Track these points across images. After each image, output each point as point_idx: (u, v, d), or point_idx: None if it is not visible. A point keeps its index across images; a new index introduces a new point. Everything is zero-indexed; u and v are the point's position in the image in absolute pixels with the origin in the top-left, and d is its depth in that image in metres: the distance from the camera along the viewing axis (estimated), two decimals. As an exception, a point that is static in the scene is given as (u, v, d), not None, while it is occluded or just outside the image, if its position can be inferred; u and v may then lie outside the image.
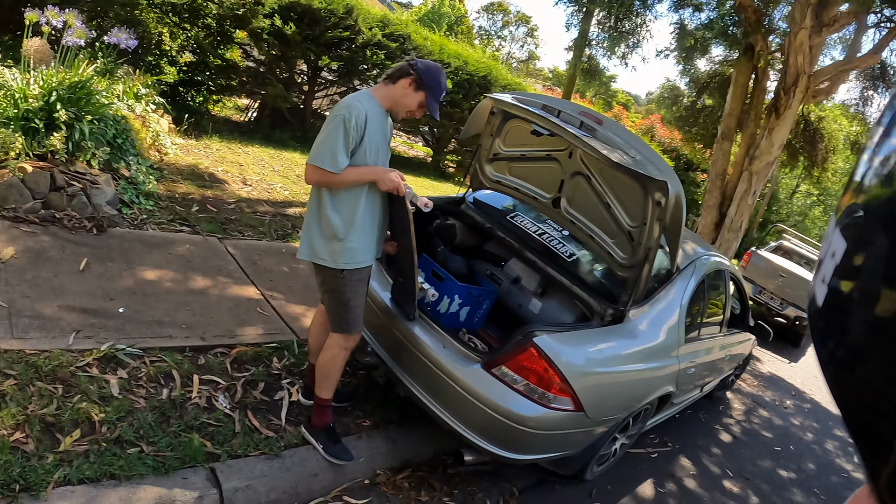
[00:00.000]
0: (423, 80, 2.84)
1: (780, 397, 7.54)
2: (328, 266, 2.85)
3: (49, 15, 4.51)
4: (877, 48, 8.47)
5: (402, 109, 2.90)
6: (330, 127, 2.69)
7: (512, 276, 4.12)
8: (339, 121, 2.66)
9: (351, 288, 2.91)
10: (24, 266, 3.62)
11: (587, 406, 3.05)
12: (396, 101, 2.87)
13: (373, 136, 2.79)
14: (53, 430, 2.62)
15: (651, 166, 3.07)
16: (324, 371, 3.07)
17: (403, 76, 2.84)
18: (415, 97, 2.86)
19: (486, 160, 4.31)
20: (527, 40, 50.04)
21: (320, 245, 2.84)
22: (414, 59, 2.90)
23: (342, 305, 2.94)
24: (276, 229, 5.83)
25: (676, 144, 19.28)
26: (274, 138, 9.67)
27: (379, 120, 2.84)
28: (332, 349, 3.04)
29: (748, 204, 8.69)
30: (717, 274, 4.52)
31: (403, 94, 2.85)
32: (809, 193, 29.32)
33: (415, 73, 2.83)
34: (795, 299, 10.43)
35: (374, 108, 2.81)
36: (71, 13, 4.62)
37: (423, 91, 2.85)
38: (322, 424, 3.16)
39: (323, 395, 3.12)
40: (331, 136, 2.67)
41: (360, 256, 2.88)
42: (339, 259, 2.83)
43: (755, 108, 9.14)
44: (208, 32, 8.69)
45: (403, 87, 2.84)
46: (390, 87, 2.86)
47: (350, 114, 2.66)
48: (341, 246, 2.82)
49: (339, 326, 2.99)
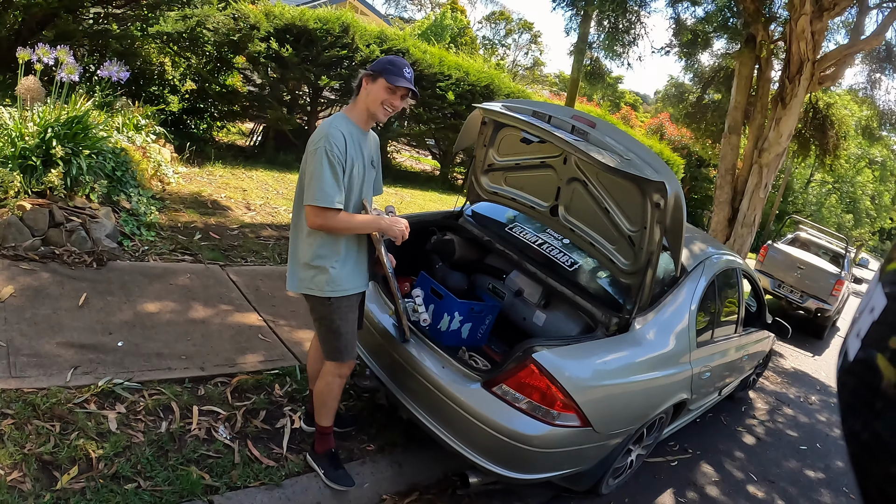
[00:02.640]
0: (373, 69, 2.75)
1: (804, 393, 7.36)
2: (316, 295, 2.80)
3: (40, 52, 4.53)
4: (880, 29, 8.30)
5: (377, 109, 2.77)
6: (314, 163, 2.61)
7: (514, 289, 4.04)
8: (320, 154, 2.59)
9: (340, 315, 2.84)
10: (23, 304, 3.60)
11: (594, 421, 2.95)
12: (367, 106, 2.77)
13: (355, 158, 2.73)
14: (51, 468, 2.59)
15: (647, 167, 2.98)
16: (321, 400, 3.03)
17: (359, 83, 2.78)
18: (378, 89, 2.73)
19: (482, 171, 4.25)
20: (531, 47, 50.10)
21: (305, 275, 2.78)
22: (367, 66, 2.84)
23: (333, 333, 2.88)
24: (279, 252, 5.80)
25: (686, 142, 19.14)
26: (278, 161, 9.69)
27: (359, 140, 2.78)
28: (327, 377, 2.98)
29: (760, 197, 8.54)
30: (729, 273, 4.39)
31: (366, 94, 2.75)
32: (824, 182, 28.94)
33: (365, 71, 2.78)
34: (816, 291, 10.27)
35: (352, 129, 2.75)
36: (62, 49, 4.64)
37: (379, 77, 2.72)
38: (324, 450, 3.11)
39: (323, 422, 3.08)
40: (316, 172, 2.59)
41: (346, 283, 2.82)
42: (325, 287, 2.77)
43: (761, 100, 8.99)
44: (208, 59, 8.75)
45: (364, 89, 2.76)
46: (356, 100, 2.80)
47: (329, 143, 2.60)
48: (326, 274, 2.76)
49: (332, 354, 2.94)
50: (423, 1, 51.03)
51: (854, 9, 8.66)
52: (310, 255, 2.75)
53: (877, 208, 31.73)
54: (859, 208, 30.32)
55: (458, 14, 33.05)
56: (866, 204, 30.61)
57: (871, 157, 25.24)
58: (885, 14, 8.39)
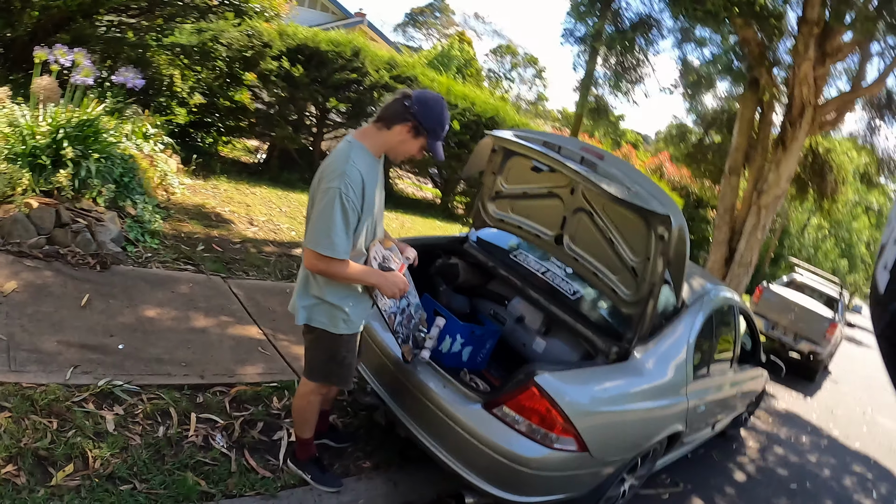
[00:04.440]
0: (424, 124, 2.52)
1: (795, 434, 7.36)
2: (329, 331, 2.70)
3: (58, 54, 4.60)
4: (882, 76, 8.51)
5: (399, 156, 2.66)
6: (325, 204, 2.40)
7: (515, 315, 4.07)
8: (334, 196, 2.38)
9: (347, 347, 2.80)
10: (26, 300, 3.61)
11: (592, 446, 2.97)
12: (394, 149, 2.60)
13: (370, 198, 2.54)
14: (46, 463, 2.59)
15: (653, 200, 3.04)
16: (301, 416, 2.99)
17: (400, 121, 2.52)
18: (414, 144, 2.57)
19: (489, 198, 4.31)
20: (535, 82, 50.75)
21: (319, 309, 2.67)
22: (409, 97, 2.54)
23: (336, 363, 2.81)
24: (280, 269, 5.82)
25: (686, 182, 19.31)
26: (282, 179, 9.74)
27: (373, 175, 2.57)
28: (307, 396, 2.93)
29: (758, 238, 8.65)
30: (726, 309, 4.45)
31: (401, 140, 2.56)
32: (820, 227, 29.17)
33: (413, 119, 2.50)
34: (809, 333, 10.32)
35: (367, 162, 2.53)
36: (80, 52, 4.71)
37: (423, 137, 2.56)
38: (307, 456, 3.11)
39: (305, 434, 3.05)
40: (327, 215, 2.39)
41: (357, 320, 2.80)
42: (340, 325, 2.69)
43: (762, 142, 9.16)
44: (218, 74, 8.84)
45: (400, 133, 2.54)
46: (384, 134, 2.56)
47: (346, 186, 2.39)
48: (343, 313, 2.67)
49: (328, 379, 2.90)
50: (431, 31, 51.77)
51: (856, 56, 8.87)
52: (325, 292, 2.62)
53: (872, 255, 31.97)
54: (854, 254, 30.57)
55: (464, 45, 33.53)
56: (861, 250, 30.88)
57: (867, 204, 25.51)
58: (886, 62, 8.59)
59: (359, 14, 29.22)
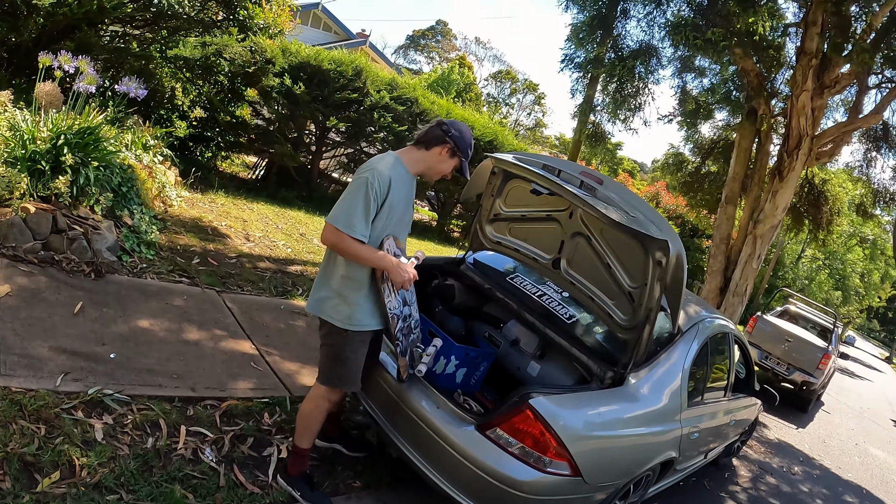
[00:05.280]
0: (459, 147, 2.91)
1: (787, 464, 7.32)
2: (334, 324, 2.85)
3: (62, 60, 4.61)
4: (878, 108, 8.61)
5: (437, 175, 2.98)
6: (352, 189, 2.71)
7: (511, 338, 4.05)
8: (361, 183, 2.68)
9: (352, 347, 2.91)
10: (19, 305, 3.59)
11: (585, 471, 2.95)
12: (431, 167, 2.94)
13: (396, 202, 2.81)
14: (32, 470, 2.56)
15: (652, 226, 3.06)
16: (305, 422, 3.04)
17: (438, 143, 2.89)
18: (450, 163, 2.94)
19: (487, 221, 4.31)
20: (534, 108, 51.13)
21: (330, 301, 2.85)
22: (445, 124, 2.93)
23: (339, 362, 2.93)
24: (275, 286, 5.80)
25: (681, 211, 19.43)
26: (280, 196, 9.76)
27: (404, 186, 2.87)
28: (316, 400, 3.02)
29: (753, 268, 8.69)
30: (721, 337, 4.46)
31: (439, 160, 2.92)
32: (815, 258, 29.29)
33: (451, 142, 2.88)
34: (802, 364, 10.34)
35: (401, 174, 2.84)
36: (83, 60, 4.72)
37: (458, 157, 2.93)
38: (298, 472, 3.10)
39: (303, 444, 3.07)
40: (351, 198, 2.69)
41: (365, 319, 2.90)
42: (345, 319, 2.84)
43: (759, 172, 9.24)
44: (220, 89, 8.88)
45: (439, 153, 2.90)
46: (423, 153, 2.92)
47: (374, 177, 2.68)
48: (349, 308, 2.84)
49: (331, 380, 2.97)
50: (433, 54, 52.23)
51: (854, 87, 8.98)
52: (338, 284, 2.84)
53: (865, 286, 32.17)
54: (848, 285, 30.69)
55: (465, 70, 33.85)
56: (855, 282, 31.02)
57: (862, 235, 25.67)
58: (883, 93, 8.71)
59: (361, 35, 29.56)
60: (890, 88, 8.50)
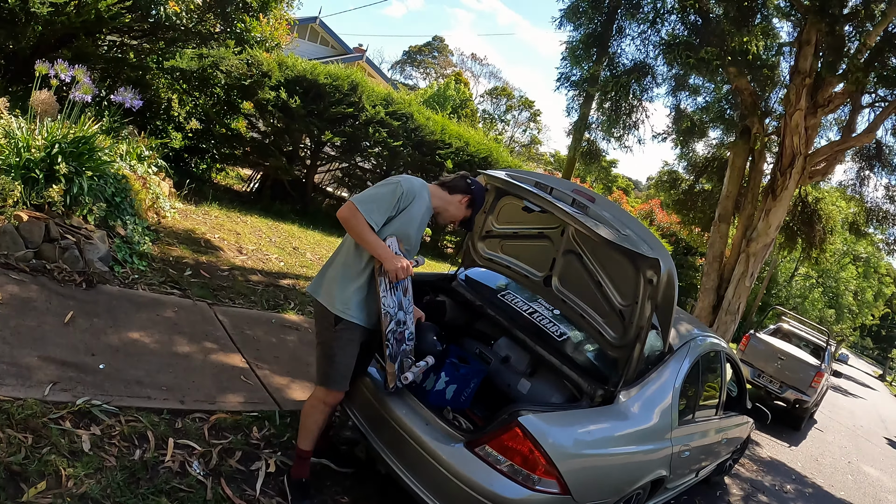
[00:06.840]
0: (477, 201, 3.22)
1: (780, 482, 7.31)
2: (326, 308, 2.96)
3: (58, 69, 4.62)
4: (872, 127, 8.70)
5: (449, 217, 3.23)
6: (382, 185, 2.99)
7: (501, 355, 4.04)
8: (393, 185, 2.95)
9: (340, 344, 2.98)
10: (8, 313, 3.57)
11: (574, 489, 2.93)
12: (447, 208, 3.19)
13: (414, 216, 3.04)
14: (18, 479, 2.55)
15: (643, 244, 3.08)
16: (303, 421, 3.14)
17: (462, 192, 3.19)
18: (464, 212, 3.22)
19: (479, 237, 4.33)
20: (529, 125, 51.30)
21: (325, 286, 3.02)
22: (470, 178, 3.26)
23: (328, 359, 3.01)
24: (267, 299, 5.78)
25: (675, 229, 19.49)
26: (273, 210, 9.75)
27: (424, 207, 3.10)
28: (312, 400, 3.12)
29: (746, 286, 8.73)
30: (713, 355, 4.47)
31: (458, 206, 3.19)
32: (808, 276, 29.36)
33: (472, 194, 3.19)
34: (795, 382, 10.36)
35: (424, 197, 3.09)
36: (80, 69, 4.74)
37: (472, 209, 3.23)
38: (297, 477, 3.20)
39: (302, 445, 3.16)
40: (380, 191, 2.95)
41: (354, 311, 2.98)
42: (336, 304, 2.96)
43: (752, 190, 9.29)
44: (216, 101, 8.90)
45: (459, 200, 3.19)
46: (447, 195, 3.19)
47: (405, 184, 2.97)
48: (342, 292, 2.96)
49: (322, 379, 3.06)
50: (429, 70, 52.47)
51: (847, 106, 9.07)
52: (337, 270, 3.03)
53: (859, 304, 32.20)
54: (841, 303, 30.76)
55: (461, 86, 33.98)
56: (849, 300, 31.07)
57: (855, 253, 25.74)
58: (876, 112, 8.79)
59: (358, 49, 29.67)
60: (883, 107, 8.59)
